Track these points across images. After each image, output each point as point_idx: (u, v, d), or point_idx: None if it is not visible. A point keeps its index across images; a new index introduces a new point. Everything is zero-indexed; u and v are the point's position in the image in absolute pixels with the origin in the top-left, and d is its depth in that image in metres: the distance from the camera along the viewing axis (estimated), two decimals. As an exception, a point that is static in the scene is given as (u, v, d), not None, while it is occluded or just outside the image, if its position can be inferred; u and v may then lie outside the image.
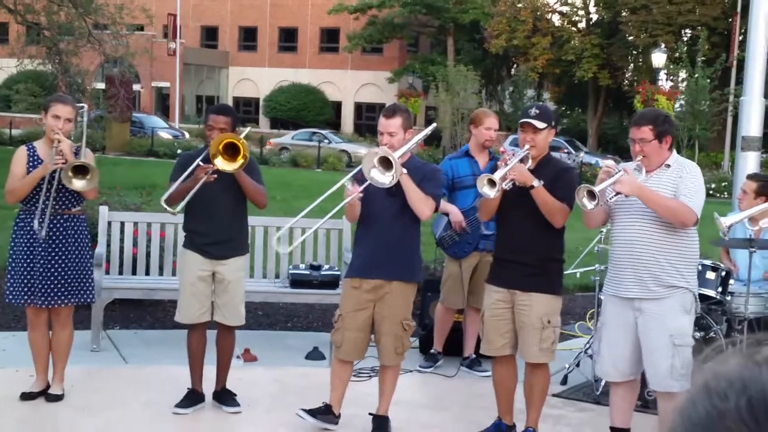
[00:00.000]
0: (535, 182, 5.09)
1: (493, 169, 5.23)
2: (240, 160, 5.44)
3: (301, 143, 36.63)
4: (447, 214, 6.85)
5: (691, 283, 4.99)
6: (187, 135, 39.68)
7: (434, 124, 6.29)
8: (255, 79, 56.57)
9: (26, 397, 5.83)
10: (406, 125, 5.37)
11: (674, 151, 5.05)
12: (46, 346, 5.92)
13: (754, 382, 0.85)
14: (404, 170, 5.16)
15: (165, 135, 37.78)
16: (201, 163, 5.54)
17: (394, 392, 5.59)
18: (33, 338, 5.92)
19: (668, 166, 4.95)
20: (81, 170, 5.57)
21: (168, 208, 5.69)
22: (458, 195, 6.87)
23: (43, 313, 5.87)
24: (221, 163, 5.45)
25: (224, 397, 5.92)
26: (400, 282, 5.39)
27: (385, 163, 5.01)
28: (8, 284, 5.83)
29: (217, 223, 5.74)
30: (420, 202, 5.26)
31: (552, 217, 5.18)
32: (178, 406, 5.77)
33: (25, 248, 5.76)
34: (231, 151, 5.46)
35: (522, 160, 5.15)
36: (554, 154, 5.70)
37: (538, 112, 5.26)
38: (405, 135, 5.35)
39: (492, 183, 5.02)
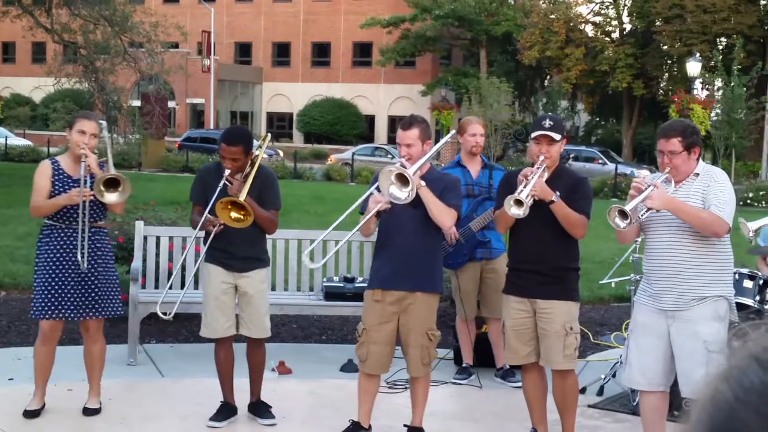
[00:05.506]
0: (554, 197, 5.10)
1: (514, 187, 5.14)
2: (248, 219, 5.47)
3: (364, 158, 35.92)
4: None
5: (726, 290, 4.94)
6: (281, 153, 38.49)
7: (452, 132, 6.27)
8: (288, 94, 56.93)
9: (30, 415, 5.74)
10: (424, 136, 5.36)
11: (701, 160, 5.01)
12: (51, 362, 5.86)
13: None
14: (423, 183, 5.17)
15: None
16: (210, 216, 5.60)
17: (426, 403, 5.58)
18: (42, 352, 5.81)
19: (697, 174, 4.92)
20: (113, 183, 5.60)
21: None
22: None
23: (58, 329, 5.84)
24: (229, 220, 5.50)
25: (259, 409, 5.95)
26: (422, 293, 5.38)
27: (402, 179, 5.01)
28: (34, 299, 5.77)
29: (238, 244, 5.76)
30: (441, 214, 5.26)
31: (573, 230, 5.19)
32: (212, 419, 5.81)
33: (52, 262, 5.70)
34: (238, 206, 5.50)
35: (540, 175, 5.13)
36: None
37: (552, 123, 5.23)
38: (423, 146, 5.35)
39: (519, 203, 5.01)
